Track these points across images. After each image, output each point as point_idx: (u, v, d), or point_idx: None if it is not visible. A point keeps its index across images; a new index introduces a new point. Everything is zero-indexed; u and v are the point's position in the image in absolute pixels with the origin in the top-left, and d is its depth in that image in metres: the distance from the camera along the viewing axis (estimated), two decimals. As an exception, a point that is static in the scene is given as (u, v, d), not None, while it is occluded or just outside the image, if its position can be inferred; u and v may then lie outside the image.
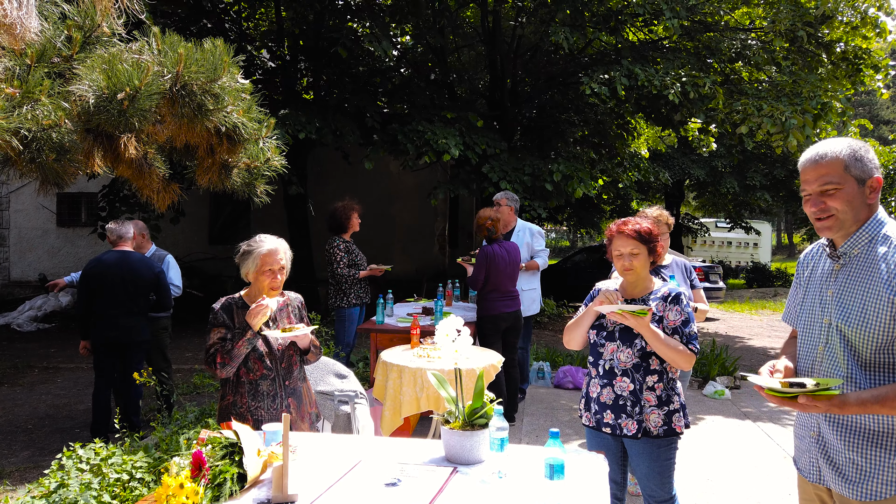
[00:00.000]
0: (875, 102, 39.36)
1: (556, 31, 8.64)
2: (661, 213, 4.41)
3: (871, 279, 1.89)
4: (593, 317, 2.97)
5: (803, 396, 1.77)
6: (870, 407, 1.80)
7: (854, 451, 1.91)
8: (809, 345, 2.05)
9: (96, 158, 3.46)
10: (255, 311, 2.81)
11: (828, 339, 1.98)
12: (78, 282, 5.26)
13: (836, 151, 1.95)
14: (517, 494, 2.07)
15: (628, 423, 2.86)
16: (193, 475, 2.04)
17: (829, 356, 1.97)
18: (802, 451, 2.12)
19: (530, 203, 9.09)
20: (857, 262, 1.95)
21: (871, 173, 1.95)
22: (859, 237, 1.95)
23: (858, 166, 1.94)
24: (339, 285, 6.11)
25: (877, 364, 1.87)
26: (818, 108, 8.02)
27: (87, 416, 5.89)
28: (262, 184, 3.96)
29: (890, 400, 1.79)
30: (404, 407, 4.13)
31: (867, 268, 1.92)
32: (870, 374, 1.88)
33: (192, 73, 3.06)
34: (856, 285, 1.93)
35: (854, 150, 1.95)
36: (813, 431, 2.04)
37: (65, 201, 14.58)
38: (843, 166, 1.94)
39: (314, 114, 9.02)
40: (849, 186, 1.93)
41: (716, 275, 13.41)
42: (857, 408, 1.80)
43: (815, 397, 1.76)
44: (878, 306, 1.85)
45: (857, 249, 1.96)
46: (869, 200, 1.95)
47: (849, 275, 1.96)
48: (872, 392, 1.82)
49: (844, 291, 1.96)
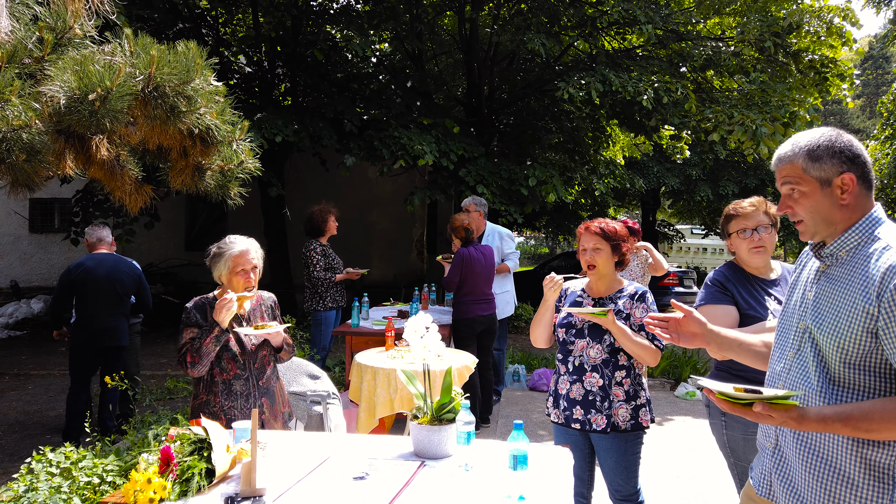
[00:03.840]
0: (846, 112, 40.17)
1: (532, 39, 8.76)
2: (761, 202, 3.51)
3: (851, 285, 1.68)
4: (552, 309, 3.11)
5: (759, 404, 1.57)
6: (831, 425, 1.59)
7: (814, 477, 1.72)
8: (781, 349, 1.87)
9: (68, 160, 3.46)
10: (220, 307, 2.80)
11: (800, 346, 1.79)
12: (57, 285, 5.21)
13: (794, 152, 1.77)
14: (482, 486, 2.11)
15: (597, 418, 2.94)
16: (161, 470, 2.06)
17: (799, 364, 1.78)
18: (758, 461, 1.97)
19: (506, 208, 9.18)
20: (842, 265, 1.73)
21: (836, 171, 1.72)
22: (847, 238, 1.73)
23: (817, 167, 1.72)
24: (315, 289, 6.12)
25: (847, 382, 1.66)
26: (787, 117, 8.21)
27: (59, 422, 5.82)
28: (235, 186, 3.98)
29: (855, 419, 1.56)
30: (378, 408, 4.16)
31: (851, 272, 1.70)
32: (838, 392, 1.67)
33: (164, 75, 3.08)
34: (835, 290, 1.72)
35: (813, 149, 1.74)
36: (770, 442, 1.88)
37: (37, 207, 14.36)
38: (800, 169, 1.75)
39: (291, 118, 9.04)
40: (811, 190, 1.74)
41: (689, 280, 13.62)
42: (816, 424, 1.60)
43: (771, 406, 1.57)
44: (851, 315, 1.64)
45: (845, 252, 1.74)
46: (842, 202, 1.72)
47: (832, 278, 1.75)
48: (836, 409, 1.61)
49: (824, 295, 1.75)
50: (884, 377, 1.64)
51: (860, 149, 1.76)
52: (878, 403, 1.59)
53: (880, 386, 1.64)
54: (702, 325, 2.06)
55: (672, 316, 2.14)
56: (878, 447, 1.64)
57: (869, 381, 1.65)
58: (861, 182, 1.74)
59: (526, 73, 11.89)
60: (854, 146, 1.75)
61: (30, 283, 14.04)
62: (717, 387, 1.66)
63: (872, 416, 1.56)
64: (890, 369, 1.63)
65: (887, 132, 14.82)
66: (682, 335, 2.10)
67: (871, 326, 1.62)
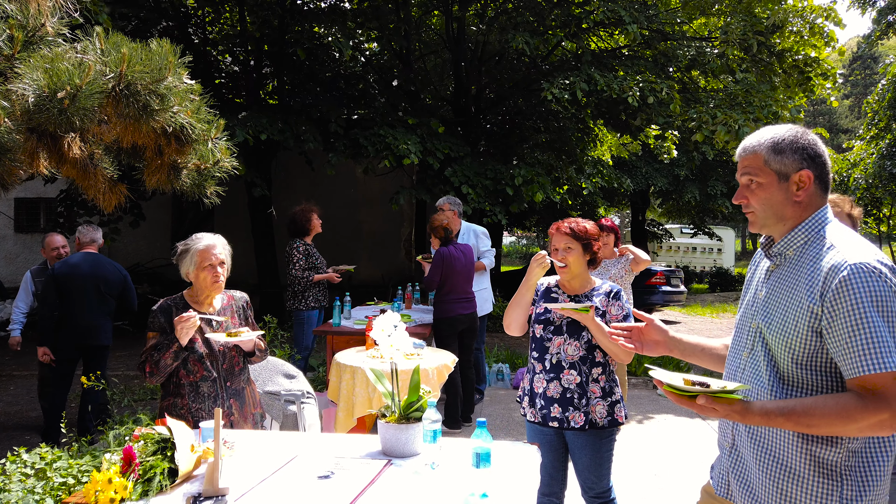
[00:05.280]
0: (835, 112, 40.44)
1: (517, 38, 8.77)
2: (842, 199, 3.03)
3: (797, 284, 1.70)
4: (533, 290, 3.10)
5: (703, 397, 1.58)
6: (774, 419, 1.60)
7: (766, 475, 1.74)
8: (737, 349, 1.88)
9: (41, 159, 3.43)
10: (180, 329, 2.75)
11: (753, 345, 1.80)
12: (44, 284, 5.18)
13: (758, 143, 1.78)
14: (446, 484, 2.11)
15: (575, 416, 2.95)
16: (124, 470, 2.05)
17: (751, 364, 1.80)
18: (717, 461, 1.97)
19: (491, 208, 9.19)
20: (790, 265, 1.75)
21: (796, 167, 1.73)
22: (794, 237, 1.76)
23: (778, 160, 1.74)
24: (294, 287, 6.10)
25: (797, 381, 1.68)
26: (770, 117, 8.26)
27: (40, 422, 5.78)
28: (212, 185, 3.96)
29: (797, 415, 1.59)
30: (357, 407, 4.15)
31: (797, 272, 1.72)
32: (789, 391, 1.69)
33: (136, 73, 3.06)
34: (783, 289, 1.74)
35: (777, 142, 1.75)
36: (727, 442, 1.89)
37: (23, 206, 14.28)
38: (762, 161, 1.76)
39: (277, 117, 9.01)
40: (769, 182, 1.75)
41: (677, 279, 13.66)
42: (759, 418, 1.61)
43: (715, 399, 1.58)
44: (798, 314, 1.66)
45: (792, 251, 1.76)
46: (796, 198, 1.74)
47: (780, 277, 1.77)
48: (779, 403, 1.62)
49: (773, 295, 1.77)
50: (831, 376, 1.66)
51: (822, 150, 1.77)
52: (820, 399, 1.61)
53: (828, 384, 1.67)
54: (663, 333, 2.10)
55: (635, 325, 2.16)
56: (826, 445, 1.66)
57: (817, 380, 1.67)
58: (818, 182, 1.75)
59: (513, 73, 11.91)
60: (817, 146, 1.76)
61: (15, 283, 13.91)
62: (667, 378, 1.66)
63: (813, 412, 1.58)
64: (837, 369, 1.64)
65: (873, 132, 14.93)
66: (645, 343, 2.13)
67: (815, 326, 1.64)
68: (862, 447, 1.66)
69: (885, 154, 14.02)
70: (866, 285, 1.57)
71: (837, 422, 1.56)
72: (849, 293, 1.58)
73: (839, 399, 1.58)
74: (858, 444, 1.66)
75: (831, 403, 1.58)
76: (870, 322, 1.55)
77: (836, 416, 1.56)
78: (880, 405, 1.53)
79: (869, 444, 1.67)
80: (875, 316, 1.55)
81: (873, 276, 1.58)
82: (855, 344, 1.56)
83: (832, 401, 1.59)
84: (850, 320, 1.57)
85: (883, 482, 1.69)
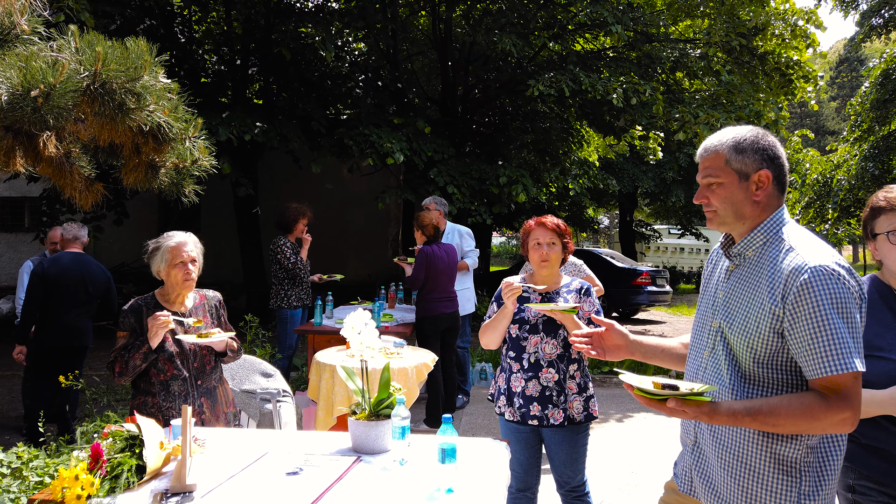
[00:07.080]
0: (822, 113, 40.79)
1: (503, 39, 8.81)
2: None
3: (758, 286, 1.72)
4: (510, 318, 3.09)
5: (672, 400, 1.61)
6: (741, 419, 1.63)
7: (728, 472, 1.78)
8: (697, 348, 1.92)
9: (17, 157, 3.43)
10: (152, 330, 2.76)
11: (714, 345, 1.83)
12: (30, 282, 5.14)
13: (720, 143, 1.80)
14: (414, 479, 2.13)
15: (555, 413, 2.99)
16: (91, 467, 2.05)
17: (713, 363, 1.83)
18: (681, 458, 2.01)
19: (476, 209, 9.23)
20: (750, 265, 1.78)
21: (755, 167, 1.76)
22: (754, 238, 1.78)
23: (739, 160, 1.76)
24: (281, 284, 6.10)
25: (758, 379, 1.72)
26: (752, 116, 8.34)
27: (20, 423, 5.75)
28: (191, 184, 3.96)
29: (763, 414, 1.62)
30: (336, 406, 4.16)
31: (758, 273, 1.74)
32: (750, 388, 1.73)
33: (111, 72, 3.06)
34: (744, 289, 1.77)
35: (739, 142, 1.78)
36: (690, 439, 1.93)
37: (7, 206, 14.18)
38: (723, 160, 1.78)
39: (262, 116, 9.00)
40: (729, 182, 1.78)
41: (662, 279, 13.74)
42: (727, 418, 1.64)
43: (684, 402, 1.61)
44: (759, 315, 1.69)
45: (752, 251, 1.79)
46: (755, 198, 1.77)
47: (740, 277, 1.80)
48: (745, 403, 1.65)
49: (733, 295, 1.80)
50: (791, 373, 1.71)
51: (781, 152, 1.82)
52: (785, 399, 1.64)
53: (789, 381, 1.71)
54: (624, 337, 2.13)
55: (595, 330, 2.18)
56: (785, 442, 1.70)
57: (778, 378, 1.71)
58: (776, 182, 1.79)
59: (499, 74, 11.96)
60: (777, 148, 1.80)
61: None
62: (636, 382, 1.69)
63: (779, 412, 1.62)
64: (797, 366, 1.69)
65: (856, 133, 15.07)
66: (607, 348, 2.15)
67: (777, 327, 1.68)
68: (818, 444, 1.71)
69: (868, 156, 14.15)
70: (826, 288, 1.60)
71: (802, 421, 1.61)
72: (810, 296, 1.61)
73: (803, 399, 1.62)
74: (815, 440, 1.70)
75: (796, 403, 1.62)
76: (831, 324, 1.59)
77: (800, 416, 1.60)
78: (843, 404, 1.59)
79: (825, 441, 1.72)
80: (836, 318, 1.59)
81: (832, 278, 1.61)
82: (817, 346, 1.60)
83: (797, 400, 1.63)
84: (812, 322, 1.60)
85: (836, 477, 1.74)
